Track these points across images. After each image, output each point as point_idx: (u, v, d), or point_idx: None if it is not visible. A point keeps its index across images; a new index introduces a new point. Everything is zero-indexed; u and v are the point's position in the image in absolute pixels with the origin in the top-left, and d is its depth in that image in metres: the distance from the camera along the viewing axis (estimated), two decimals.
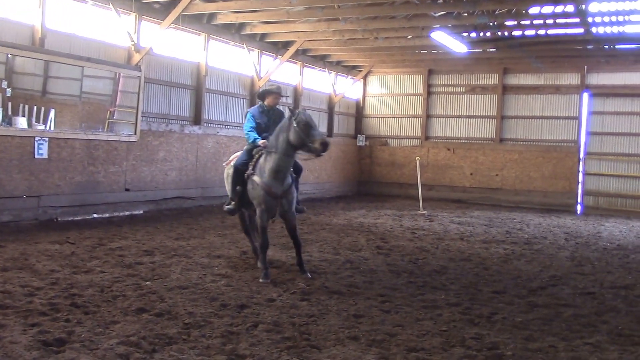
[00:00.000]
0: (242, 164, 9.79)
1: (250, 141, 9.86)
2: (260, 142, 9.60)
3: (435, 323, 7.19)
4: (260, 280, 8.92)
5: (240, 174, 9.70)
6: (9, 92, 13.55)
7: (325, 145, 8.83)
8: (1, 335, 5.86)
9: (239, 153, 10.26)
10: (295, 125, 8.96)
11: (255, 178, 9.37)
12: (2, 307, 6.85)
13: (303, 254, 9.94)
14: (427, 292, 8.81)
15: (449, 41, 19.15)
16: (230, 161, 10.41)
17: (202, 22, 18.60)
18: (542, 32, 19.86)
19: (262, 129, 9.89)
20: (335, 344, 6.22)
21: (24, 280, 8.15)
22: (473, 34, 20.39)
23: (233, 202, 9.87)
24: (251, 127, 9.88)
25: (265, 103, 10.10)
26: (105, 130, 15.94)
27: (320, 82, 25.93)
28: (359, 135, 28.27)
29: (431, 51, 23.32)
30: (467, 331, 6.90)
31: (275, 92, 10.04)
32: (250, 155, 9.77)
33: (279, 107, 10.39)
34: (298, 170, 10.01)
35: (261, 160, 9.45)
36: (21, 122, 13.67)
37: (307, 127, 8.92)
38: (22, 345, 5.61)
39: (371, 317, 7.33)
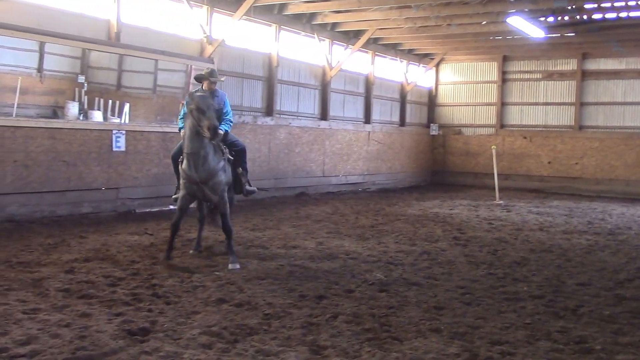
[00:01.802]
0: (175, 153, 9.64)
1: (179, 129, 9.75)
2: (182, 131, 9.40)
3: (519, 316, 6.98)
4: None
5: (176, 163, 9.46)
6: (85, 86, 13.92)
7: (213, 131, 8.51)
8: (87, 324, 5.98)
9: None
10: (189, 110, 8.76)
11: (181, 166, 9.14)
12: (87, 297, 7.00)
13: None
14: (508, 284, 8.57)
15: (525, 26, 18.62)
16: None
17: (273, 13, 18.63)
18: (623, 14, 19.07)
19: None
20: (416, 336, 6.10)
21: (106, 271, 8.32)
22: (550, 19, 19.78)
23: (178, 191, 9.47)
24: (182, 114, 9.58)
25: (204, 87, 9.66)
26: (177, 123, 16.14)
27: (391, 71, 25.69)
28: (431, 124, 27.91)
29: (506, 37, 22.77)
30: (552, 324, 6.67)
31: (205, 78, 9.56)
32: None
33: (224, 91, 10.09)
34: (239, 151, 9.70)
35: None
36: (97, 115, 14.01)
37: (197, 111, 8.62)
38: (108, 334, 5.70)
39: (452, 309, 7.17)
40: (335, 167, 21.81)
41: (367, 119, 24.16)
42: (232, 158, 9.51)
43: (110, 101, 14.48)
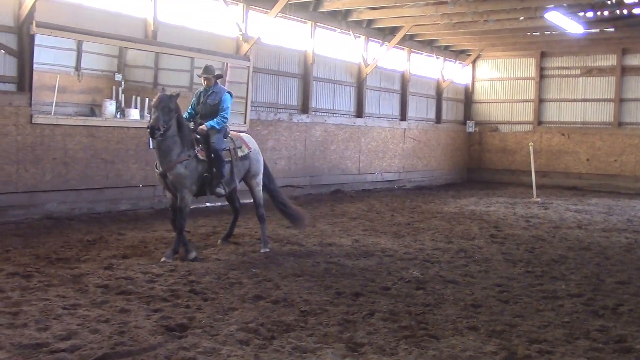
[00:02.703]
0: None
1: None
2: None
3: (557, 314, 6.89)
4: (162, 260, 8.85)
5: None
6: (122, 84, 14.06)
7: (149, 130, 8.74)
8: (126, 320, 6.05)
9: None
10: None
11: None
12: (125, 293, 7.09)
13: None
14: (546, 282, 8.47)
15: (563, 21, 18.33)
16: None
17: (309, 10, 18.63)
18: None
19: (198, 111, 9.86)
20: (453, 334, 6.05)
21: (144, 267, 8.41)
22: (590, 13, 19.41)
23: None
24: (187, 111, 9.92)
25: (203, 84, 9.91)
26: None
27: (427, 68, 25.52)
28: (468, 121, 27.67)
29: (544, 32, 22.46)
30: (591, 323, 6.57)
31: (201, 75, 9.81)
32: None
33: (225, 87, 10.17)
34: (213, 152, 9.48)
35: None
36: (134, 113, 14.14)
37: (151, 109, 9.02)
38: (146, 330, 5.76)
39: (489, 307, 7.10)
40: (370, 164, 21.76)
41: (403, 116, 24.03)
42: (201, 157, 9.33)
43: (147, 99, 14.61)
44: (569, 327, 6.40)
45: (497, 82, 27.39)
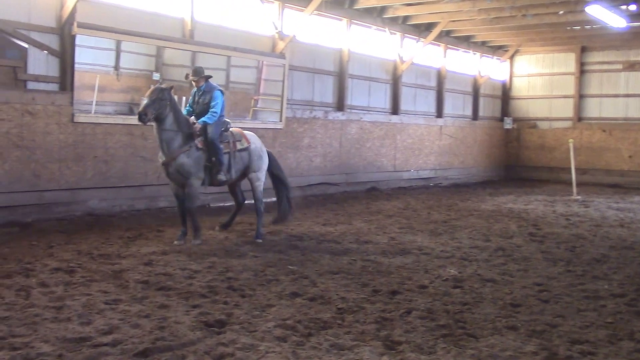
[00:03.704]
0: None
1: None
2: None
3: (599, 314, 6.79)
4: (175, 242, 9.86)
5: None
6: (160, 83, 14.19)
7: (137, 117, 9.50)
8: (166, 316, 6.14)
9: None
10: None
11: None
12: (165, 289, 7.19)
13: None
14: (588, 282, 8.34)
15: (605, 15, 17.99)
16: None
17: (344, 7, 18.61)
18: None
19: (194, 109, 10.49)
20: (492, 333, 6.01)
21: (182, 264, 8.52)
22: (633, 6, 18.98)
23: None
24: (186, 108, 10.64)
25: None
26: (250, 118, 16.36)
27: (464, 64, 25.29)
28: (505, 118, 27.36)
29: (585, 27, 22.05)
30: (635, 324, 6.46)
31: (190, 77, 10.47)
32: None
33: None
34: (208, 142, 10.13)
35: None
36: None
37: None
38: (186, 326, 5.84)
39: (529, 306, 7.03)
40: (406, 161, 21.66)
41: (439, 113, 23.87)
42: (200, 146, 10.02)
43: (184, 98, 14.72)
44: (612, 328, 6.30)
45: (536, 77, 27.02)
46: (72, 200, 12.20)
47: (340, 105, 19.22)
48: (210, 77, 10.65)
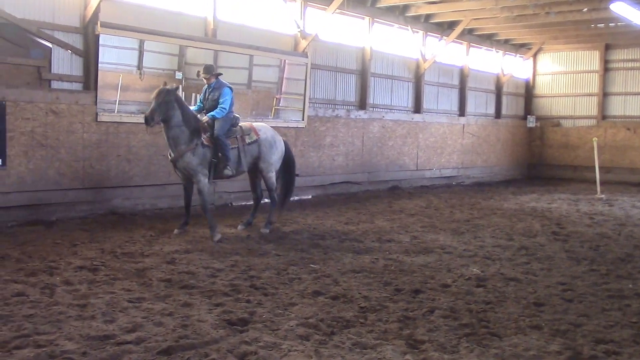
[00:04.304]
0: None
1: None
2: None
3: (624, 314, 6.73)
4: (215, 240, 10.07)
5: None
6: (182, 82, 14.27)
7: (144, 120, 9.85)
8: (189, 314, 6.17)
9: None
10: None
11: None
12: (188, 287, 7.22)
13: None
14: (612, 281, 8.26)
15: (629, 12, 17.78)
16: None
17: (366, 6, 18.57)
18: None
19: (205, 105, 10.91)
20: (516, 333, 5.98)
21: (205, 262, 8.56)
22: None
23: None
24: (197, 104, 11.11)
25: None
26: (272, 117, 16.40)
27: (487, 62, 25.13)
28: (528, 116, 27.13)
29: (609, 24, 21.82)
30: None
31: (201, 74, 10.84)
32: None
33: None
34: (215, 137, 10.50)
35: None
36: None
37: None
38: (209, 324, 5.87)
39: (553, 305, 6.98)
40: (428, 160, 21.57)
41: (462, 112, 23.75)
42: (206, 143, 10.40)
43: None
44: (637, 328, 6.24)
45: (559, 75, 26.77)
46: (96, 198, 12.30)
47: (362, 104, 19.19)
48: (220, 74, 10.99)
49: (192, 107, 10.98)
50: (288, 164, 11.79)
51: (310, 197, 16.62)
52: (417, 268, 8.64)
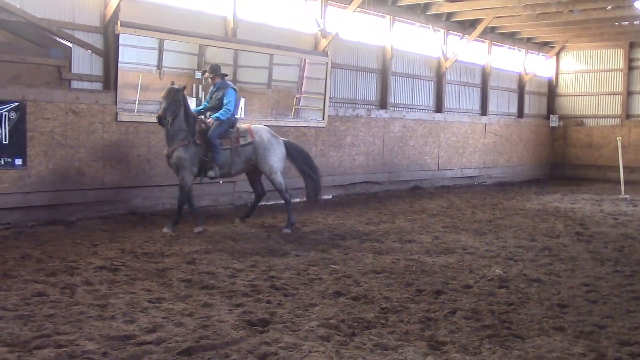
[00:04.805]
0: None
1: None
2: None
3: None
4: (164, 230, 10.49)
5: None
6: (202, 82, 14.25)
7: (157, 119, 10.37)
8: (209, 314, 6.15)
9: None
10: None
11: None
12: (208, 287, 7.20)
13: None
14: (637, 282, 8.14)
15: None
16: None
17: (387, 4, 18.49)
18: None
19: (210, 103, 11.29)
20: (539, 334, 5.89)
21: (225, 262, 8.53)
22: None
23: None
24: (204, 103, 11.55)
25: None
26: (292, 117, 16.36)
27: (509, 61, 24.94)
28: (551, 116, 26.88)
29: (634, 22, 21.55)
30: None
31: (207, 74, 11.34)
32: None
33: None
34: (207, 139, 10.79)
35: None
36: None
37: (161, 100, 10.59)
38: (229, 324, 5.83)
39: (576, 307, 6.88)
40: (450, 160, 21.43)
41: (484, 111, 23.58)
42: (198, 142, 10.73)
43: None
44: None
45: (583, 74, 26.49)
46: (116, 198, 12.33)
47: (383, 103, 19.11)
48: (225, 75, 11.35)
49: (199, 106, 11.52)
50: (298, 164, 11.85)
51: (330, 197, 16.56)
52: (439, 269, 8.56)
